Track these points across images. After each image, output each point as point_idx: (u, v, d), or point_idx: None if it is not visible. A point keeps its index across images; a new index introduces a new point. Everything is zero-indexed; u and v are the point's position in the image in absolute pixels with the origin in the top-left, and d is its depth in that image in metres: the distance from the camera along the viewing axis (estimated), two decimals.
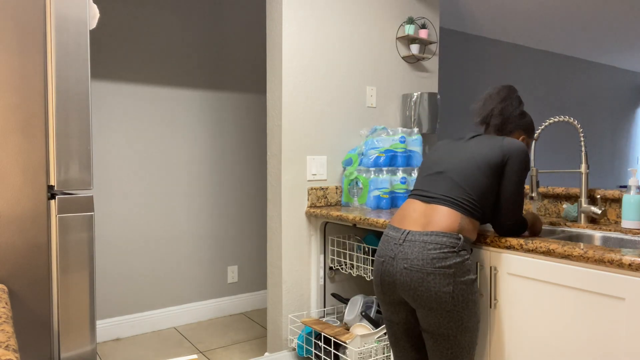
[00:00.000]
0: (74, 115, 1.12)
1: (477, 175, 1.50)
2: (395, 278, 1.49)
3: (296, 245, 2.46)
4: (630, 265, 1.22)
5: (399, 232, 1.52)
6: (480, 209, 1.51)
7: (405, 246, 1.47)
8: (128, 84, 2.98)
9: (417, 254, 1.44)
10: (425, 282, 1.43)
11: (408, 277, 1.45)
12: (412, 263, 1.44)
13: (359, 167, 2.50)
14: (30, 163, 1.07)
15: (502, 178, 1.51)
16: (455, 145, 1.62)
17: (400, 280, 1.47)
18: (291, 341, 2.44)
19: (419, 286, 1.43)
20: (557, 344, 1.42)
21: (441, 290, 1.42)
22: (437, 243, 1.43)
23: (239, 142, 3.45)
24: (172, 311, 3.19)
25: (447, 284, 1.41)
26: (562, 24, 4.36)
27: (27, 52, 1.06)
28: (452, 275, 1.42)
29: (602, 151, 6.21)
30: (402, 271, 1.47)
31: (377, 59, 2.74)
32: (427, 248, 1.43)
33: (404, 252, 1.47)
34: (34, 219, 1.08)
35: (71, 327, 1.13)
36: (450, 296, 1.42)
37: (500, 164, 1.50)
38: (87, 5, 1.13)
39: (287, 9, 2.38)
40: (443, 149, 1.63)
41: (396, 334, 1.62)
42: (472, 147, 1.56)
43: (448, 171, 1.54)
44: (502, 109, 1.64)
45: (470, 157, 1.52)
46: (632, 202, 1.74)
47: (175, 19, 3.12)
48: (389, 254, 1.51)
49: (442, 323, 1.44)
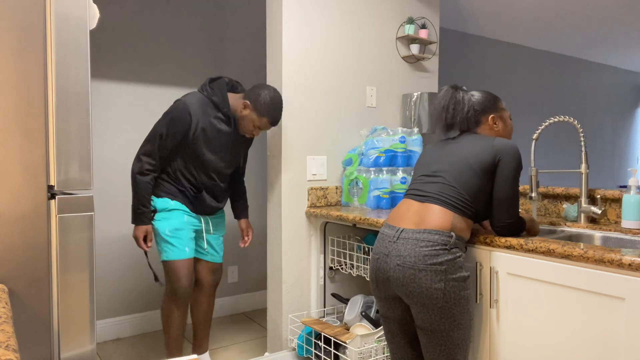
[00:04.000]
0: (74, 115, 1.12)
1: (469, 175, 1.52)
2: (389, 275, 1.52)
3: (296, 245, 2.46)
4: (630, 265, 1.23)
5: (393, 230, 1.55)
6: (474, 208, 1.53)
7: (399, 243, 1.51)
8: (128, 84, 2.98)
9: (410, 251, 1.47)
10: (417, 278, 1.45)
11: (401, 274, 1.48)
12: (404, 260, 1.48)
13: (359, 167, 2.50)
14: (30, 163, 1.07)
15: (495, 178, 1.53)
16: (447, 146, 1.65)
17: (393, 277, 1.51)
18: (291, 341, 2.44)
19: (411, 282, 1.46)
20: (557, 343, 1.42)
21: (432, 287, 1.44)
22: (429, 241, 1.46)
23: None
24: None
25: (438, 280, 1.44)
26: (562, 23, 4.36)
27: (27, 52, 1.06)
28: (444, 272, 1.44)
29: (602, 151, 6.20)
30: (395, 268, 1.50)
31: (377, 59, 2.74)
32: (420, 245, 1.47)
33: (397, 249, 1.50)
34: (34, 219, 1.08)
35: (71, 327, 1.13)
36: (441, 292, 1.44)
37: (492, 163, 1.52)
38: (87, 5, 1.14)
39: (287, 9, 2.38)
40: (435, 151, 1.67)
41: (392, 330, 1.65)
42: (463, 148, 1.59)
43: (441, 171, 1.57)
44: (453, 114, 1.67)
45: (463, 158, 1.55)
46: (632, 202, 1.74)
47: (176, 19, 3.12)
48: (383, 251, 1.55)
49: (435, 319, 1.47)
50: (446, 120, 1.68)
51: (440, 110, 1.68)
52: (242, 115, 2.23)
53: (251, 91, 2.22)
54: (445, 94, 1.69)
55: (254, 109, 2.20)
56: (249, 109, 2.21)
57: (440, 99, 1.69)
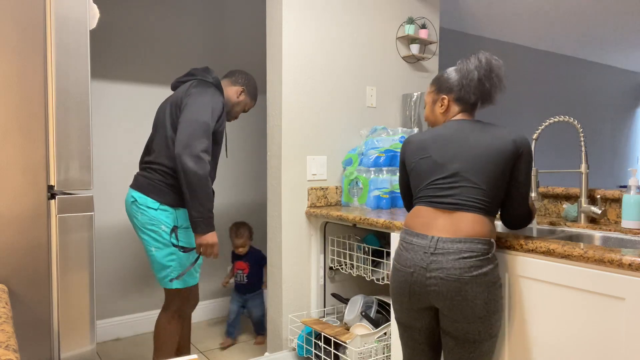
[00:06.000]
0: (74, 115, 1.12)
1: (491, 170, 1.44)
2: (429, 289, 1.42)
3: (296, 245, 2.46)
4: (630, 265, 1.22)
5: (426, 239, 1.44)
6: (494, 205, 1.47)
7: (438, 255, 1.40)
8: (128, 84, 2.98)
9: (453, 263, 1.38)
10: (462, 291, 1.38)
11: (444, 287, 1.39)
12: (448, 273, 1.38)
13: (359, 167, 2.50)
14: (30, 163, 1.07)
15: (516, 172, 1.47)
16: (455, 136, 1.51)
17: (435, 291, 1.41)
18: (291, 341, 2.44)
19: (456, 295, 1.39)
20: (557, 343, 1.42)
21: (478, 298, 1.38)
22: (473, 251, 1.39)
23: (239, 142, 3.45)
24: None
25: (482, 291, 1.38)
26: (562, 24, 4.36)
27: (27, 52, 1.06)
28: (488, 282, 1.40)
29: (602, 151, 6.20)
30: (438, 282, 1.40)
31: (377, 59, 2.74)
32: (463, 256, 1.38)
33: (438, 262, 1.40)
34: (34, 219, 1.08)
35: (71, 327, 1.13)
36: (485, 302, 1.39)
37: (513, 157, 1.45)
38: (87, 5, 1.13)
39: (287, 9, 2.38)
40: (443, 143, 1.51)
41: (415, 338, 1.56)
42: (480, 140, 1.47)
43: (462, 172, 1.45)
44: (491, 86, 1.52)
45: (483, 152, 1.44)
46: (632, 202, 1.74)
47: (176, 19, 3.12)
48: (419, 263, 1.43)
49: (472, 329, 1.41)
50: (483, 94, 1.52)
51: (477, 80, 1.51)
52: (238, 102, 2.20)
53: (238, 77, 2.21)
54: (486, 61, 1.51)
55: (248, 93, 2.20)
56: (244, 94, 2.20)
57: (478, 64, 1.50)
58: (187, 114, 1.94)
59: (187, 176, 1.86)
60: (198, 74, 2.12)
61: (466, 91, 1.54)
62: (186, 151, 1.87)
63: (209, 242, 1.95)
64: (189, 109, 1.95)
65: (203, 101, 1.96)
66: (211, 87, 2.07)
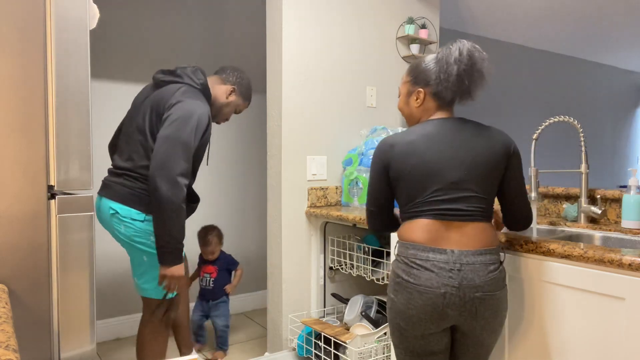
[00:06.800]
0: (73, 115, 1.12)
1: (493, 177, 1.37)
2: (464, 309, 1.30)
3: (296, 245, 2.46)
4: (630, 265, 1.22)
5: (445, 254, 1.31)
6: (492, 210, 1.42)
7: (466, 271, 1.29)
8: (128, 84, 2.98)
9: (484, 278, 1.29)
10: (497, 308, 1.33)
11: (482, 307, 1.30)
12: (484, 290, 1.29)
13: (359, 167, 2.50)
14: (30, 163, 1.07)
15: (511, 173, 1.40)
16: (448, 137, 1.38)
17: (472, 311, 1.30)
18: (291, 341, 2.44)
19: (493, 312, 1.32)
20: (557, 343, 1.42)
21: (505, 310, 1.37)
22: (494, 262, 1.33)
23: (239, 142, 3.45)
24: None
25: (506, 300, 1.37)
26: (562, 23, 4.36)
27: (27, 52, 1.06)
28: (507, 291, 1.39)
29: (602, 151, 6.20)
30: (477, 302, 1.29)
31: (377, 59, 2.74)
32: (490, 270, 1.31)
33: (469, 278, 1.29)
34: (34, 219, 1.08)
35: (71, 327, 1.13)
36: (506, 311, 1.39)
37: (505, 158, 1.38)
38: (87, 5, 1.14)
39: (287, 9, 2.38)
40: (439, 147, 1.37)
41: None
42: (476, 142, 1.37)
43: (465, 181, 1.34)
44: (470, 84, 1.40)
45: (480, 158, 1.35)
46: (632, 202, 1.74)
47: (176, 19, 3.12)
48: (448, 282, 1.28)
49: (491, 336, 1.38)
50: (462, 90, 1.40)
51: (455, 76, 1.38)
52: (227, 102, 2.01)
53: (229, 75, 2.02)
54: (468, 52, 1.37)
55: (240, 93, 2.02)
56: (235, 94, 2.02)
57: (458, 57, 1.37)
58: (169, 130, 1.74)
59: (159, 202, 1.68)
60: (185, 77, 1.92)
61: (444, 86, 1.40)
62: (162, 173, 1.68)
63: (174, 274, 1.77)
64: (171, 124, 1.74)
65: (188, 116, 1.76)
66: (199, 95, 1.88)
